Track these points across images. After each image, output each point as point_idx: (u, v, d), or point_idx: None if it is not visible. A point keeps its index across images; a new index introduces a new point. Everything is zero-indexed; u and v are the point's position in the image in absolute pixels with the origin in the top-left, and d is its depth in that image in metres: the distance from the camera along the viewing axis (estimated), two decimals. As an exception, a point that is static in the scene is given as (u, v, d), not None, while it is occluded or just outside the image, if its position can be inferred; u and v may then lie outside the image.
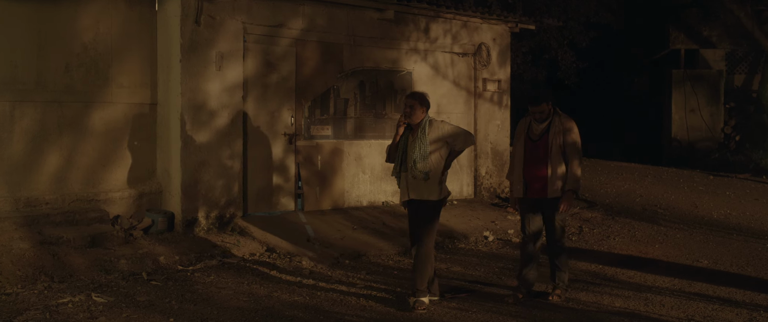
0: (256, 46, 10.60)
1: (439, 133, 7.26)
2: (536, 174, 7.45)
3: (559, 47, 21.19)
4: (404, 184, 7.36)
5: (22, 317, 6.53)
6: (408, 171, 7.26)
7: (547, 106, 7.46)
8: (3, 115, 9.08)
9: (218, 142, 10.16)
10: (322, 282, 8.20)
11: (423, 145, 7.19)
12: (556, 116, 7.50)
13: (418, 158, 7.18)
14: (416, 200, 7.29)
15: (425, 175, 7.16)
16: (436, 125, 7.31)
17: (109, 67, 9.85)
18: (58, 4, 9.43)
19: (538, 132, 7.50)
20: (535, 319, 6.91)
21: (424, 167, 7.16)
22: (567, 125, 7.45)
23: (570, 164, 7.38)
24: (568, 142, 7.39)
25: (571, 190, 7.37)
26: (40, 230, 8.68)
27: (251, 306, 7.13)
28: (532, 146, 7.53)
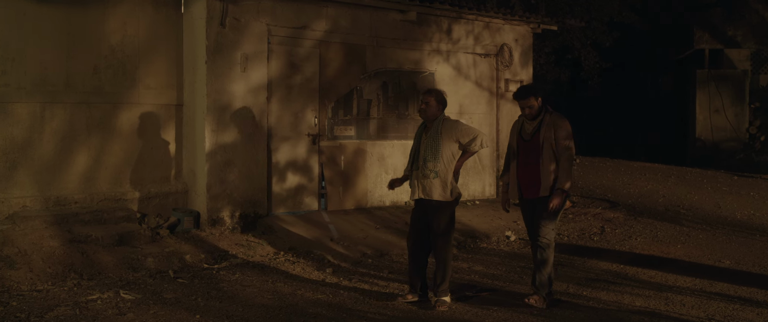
0: (280, 47, 10.73)
1: (453, 132, 7.20)
2: (529, 174, 7.31)
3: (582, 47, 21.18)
4: (414, 182, 7.32)
5: (53, 313, 6.70)
6: (418, 169, 7.25)
7: (535, 101, 7.26)
8: (34, 116, 9.28)
9: (243, 143, 10.30)
10: (345, 281, 8.32)
11: (435, 144, 7.16)
12: (547, 114, 7.31)
13: (428, 156, 7.16)
14: (425, 200, 7.24)
15: (435, 173, 7.13)
16: (451, 124, 7.25)
17: (136, 68, 10.03)
18: (86, 8, 9.61)
19: (530, 131, 7.34)
20: (555, 318, 6.98)
21: (435, 166, 7.12)
22: (558, 123, 7.25)
23: (561, 162, 7.20)
24: (559, 141, 7.20)
25: (560, 189, 7.16)
26: (69, 228, 8.86)
27: (275, 304, 7.26)
28: (524, 146, 7.39)
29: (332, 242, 9.91)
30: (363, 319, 6.87)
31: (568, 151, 7.20)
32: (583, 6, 20.30)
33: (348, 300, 7.49)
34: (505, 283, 8.38)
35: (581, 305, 7.45)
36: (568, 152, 7.19)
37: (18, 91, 9.16)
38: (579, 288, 8.11)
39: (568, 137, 7.23)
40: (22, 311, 6.71)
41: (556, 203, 7.12)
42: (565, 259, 9.70)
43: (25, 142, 9.24)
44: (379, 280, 8.39)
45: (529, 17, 13.72)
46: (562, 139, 7.20)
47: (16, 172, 9.19)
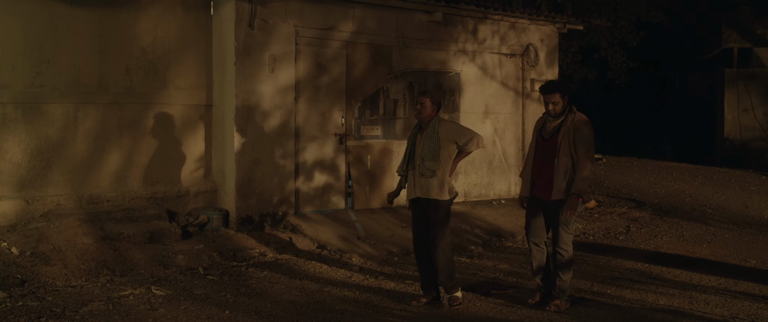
0: (307, 48, 10.88)
1: (449, 132, 7.24)
2: (544, 174, 7.17)
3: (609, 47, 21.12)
4: (411, 182, 7.35)
5: (87, 308, 6.88)
6: (415, 169, 7.27)
7: (560, 98, 7.10)
8: (67, 116, 9.49)
9: (271, 142, 10.46)
10: (371, 278, 8.44)
11: (432, 143, 7.18)
12: (570, 114, 7.12)
13: (426, 156, 7.18)
14: (423, 199, 7.26)
15: (433, 173, 7.14)
16: (446, 125, 7.29)
17: (166, 69, 10.22)
18: (118, 10, 9.82)
19: (550, 130, 7.19)
20: (578, 315, 7.05)
21: (433, 166, 7.15)
22: (579, 124, 7.05)
23: (578, 165, 7.00)
24: (578, 143, 7.01)
25: (575, 194, 6.97)
26: (102, 226, 9.06)
27: (303, 300, 7.39)
28: (543, 145, 7.24)
29: (359, 240, 10.04)
30: (389, 316, 6.99)
31: (587, 156, 7.00)
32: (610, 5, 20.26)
33: (374, 298, 7.61)
34: (529, 281, 8.44)
35: (605, 303, 7.52)
36: (586, 157, 7.00)
37: (52, 92, 9.38)
38: (603, 286, 8.18)
39: (588, 142, 7.02)
40: (58, 306, 6.90)
41: (571, 212, 6.98)
42: (590, 257, 9.76)
43: (60, 142, 9.46)
44: (405, 278, 8.50)
45: (555, 17, 13.76)
46: (582, 144, 7.01)
47: (51, 171, 9.41)
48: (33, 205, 9.18)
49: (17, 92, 9.15)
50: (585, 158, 7.00)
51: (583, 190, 6.98)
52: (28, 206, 9.14)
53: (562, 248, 7.17)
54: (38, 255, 8.20)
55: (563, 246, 7.16)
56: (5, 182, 9.11)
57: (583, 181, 6.98)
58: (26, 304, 6.94)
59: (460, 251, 10.04)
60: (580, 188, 6.96)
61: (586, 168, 6.99)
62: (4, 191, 9.09)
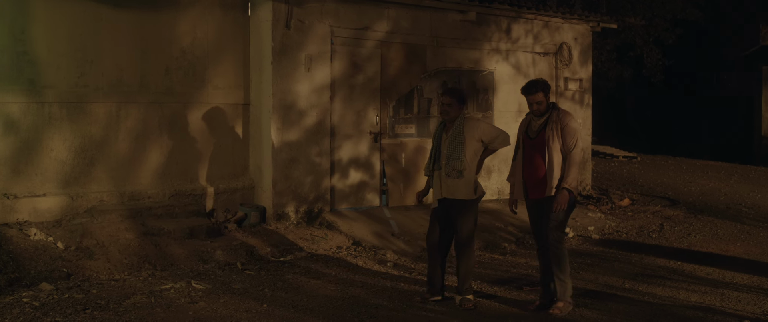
0: (342, 48, 11.06)
1: (475, 131, 7.17)
2: (535, 173, 7.08)
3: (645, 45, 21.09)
4: (437, 182, 7.26)
5: (130, 301, 7.12)
6: (441, 169, 7.20)
7: (543, 97, 6.99)
8: (110, 115, 9.77)
9: (307, 141, 10.66)
10: (405, 274, 8.59)
11: (458, 143, 7.11)
12: (554, 111, 7.04)
13: (452, 156, 7.11)
14: (449, 199, 7.18)
15: (459, 173, 7.08)
16: (472, 123, 7.24)
17: (205, 69, 10.46)
18: (159, 12, 10.07)
19: (536, 129, 7.09)
20: (609, 311, 7.14)
21: (459, 165, 7.08)
22: (564, 120, 6.98)
23: (567, 161, 6.92)
24: (565, 136, 6.93)
25: (566, 189, 6.87)
26: (143, 221, 9.32)
27: (338, 295, 7.57)
28: (530, 144, 7.13)
29: (393, 236, 10.20)
30: (422, 310, 7.13)
31: (575, 148, 6.94)
32: (645, 3, 20.22)
33: (408, 293, 7.75)
34: (561, 278, 8.54)
35: (636, 299, 7.59)
36: (574, 150, 6.93)
37: (95, 92, 9.66)
38: (635, 283, 8.25)
39: (574, 135, 6.96)
40: (102, 299, 7.15)
41: (561, 204, 6.87)
42: (622, 255, 9.84)
43: (102, 140, 9.74)
44: (438, 274, 8.63)
45: (589, 16, 13.80)
46: (569, 137, 6.93)
47: (94, 168, 9.69)
48: (77, 201, 9.46)
49: (62, 92, 9.44)
50: (575, 151, 6.93)
51: (573, 184, 6.90)
52: (72, 202, 9.42)
53: (554, 242, 7.02)
54: (82, 250, 8.46)
55: (555, 241, 7.02)
56: (51, 178, 9.41)
57: (573, 174, 6.90)
58: (72, 296, 7.20)
59: (493, 247, 10.16)
60: (570, 182, 6.88)
61: (575, 161, 6.93)
62: (50, 188, 9.39)
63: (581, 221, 11.83)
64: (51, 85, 9.36)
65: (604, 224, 11.77)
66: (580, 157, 6.99)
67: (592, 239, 10.99)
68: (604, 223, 11.86)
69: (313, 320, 6.69)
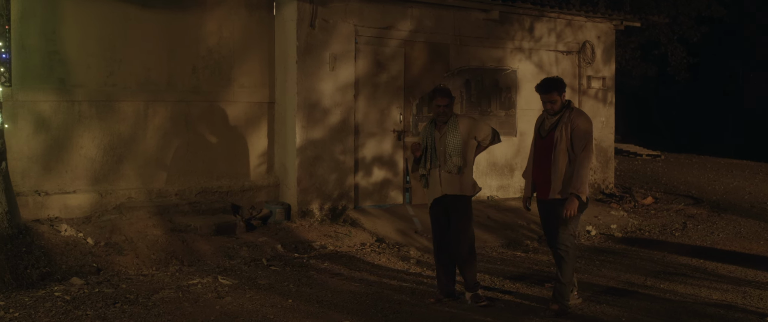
0: (366, 47, 11.17)
1: (470, 128, 7.21)
2: (542, 173, 6.98)
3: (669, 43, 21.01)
4: (435, 180, 7.23)
5: (159, 296, 7.28)
6: (440, 167, 7.18)
7: (558, 96, 6.86)
8: (138, 114, 9.95)
9: (331, 139, 10.78)
10: (428, 271, 8.68)
11: (456, 140, 7.13)
12: (567, 111, 6.89)
13: (452, 152, 7.12)
14: (450, 195, 7.18)
15: (458, 169, 7.11)
16: (466, 121, 7.28)
17: (231, 68, 10.62)
18: (186, 12, 10.24)
19: (547, 128, 6.97)
20: (631, 308, 7.19)
21: (459, 161, 7.11)
22: (576, 121, 6.82)
23: (576, 163, 6.77)
24: (575, 138, 6.79)
25: (573, 193, 6.72)
26: (170, 218, 9.49)
27: (362, 291, 7.69)
28: (541, 143, 7.03)
29: (416, 234, 10.30)
30: (445, 306, 7.22)
31: (585, 151, 6.78)
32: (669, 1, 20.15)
33: (431, 290, 7.83)
34: (583, 275, 8.58)
35: (657, 296, 7.65)
36: (584, 153, 6.77)
37: (124, 91, 9.84)
38: (656, 281, 8.30)
39: (585, 137, 6.80)
40: (131, 293, 7.31)
41: (570, 211, 6.72)
42: (644, 253, 9.88)
43: (130, 138, 9.92)
44: (461, 270, 8.72)
45: (612, 14, 13.81)
46: (579, 139, 6.78)
47: (123, 165, 9.88)
48: (106, 198, 9.65)
49: (92, 91, 9.63)
50: (582, 154, 6.77)
51: (581, 188, 6.72)
52: (101, 199, 9.61)
53: (560, 246, 6.93)
54: (112, 245, 8.64)
55: (561, 245, 6.92)
56: (81, 176, 9.60)
57: (581, 178, 6.73)
58: (102, 291, 7.38)
59: (516, 245, 10.24)
60: (578, 186, 6.71)
61: (584, 165, 6.76)
62: (80, 185, 9.59)
63: (604, 219, 11.86)
64: (81, 84, 9.55)
65: (627, 222, 11.80)
66: (590, 160, 6.84)
67: (614, 236, 11.02)
68: (627, 221, 11.89)
69: (338, 315, 6.80)
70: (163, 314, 6.71)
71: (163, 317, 6.62)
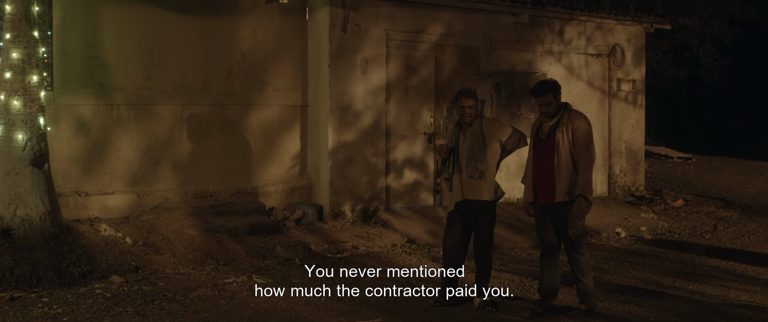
0: (397, 51, 11.33)
1: (494, 131, 7.11)
2: (544, 177, 6.88)
3: (701, 45, 20.93)
4: (457, 185, 7.15)
5: (195, 293, 7.50)
6: (462, 171, 7.10)
7: (553, 99, 6.80)
8: (174, 116, 10.19)
9: (363, 141, 10.96)
10: (458, 271, 8.81)
11: (479, 144, 7.04)
12: (565, 113, 6.83)
13: (474, 157, 7.03)
14: (471, 201, 7.10)
15: (481, 174, 7.00)
16: (491, 124, 7.21)
17: (265, 72, 10.83)
18: (221, 17, 10.47)
19: (547, 130, 6.88)
20: (659, 309, 7.27)
21: (481, 166, 7.01)
22: (576, 123, 6.76)
23: (580, 166, 6.72)
24: (577, 140, 6.74)
25: (581, 195, 6.68)
26: (206, 218, 9.71)
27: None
28: (541, 147, 6.93)
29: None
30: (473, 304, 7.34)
31: (588, 152, 6.75)
32: (701, 3, 20.09)
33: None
34: (612, 276, 8.68)
35: (686, 297, 7.71)
36: (587, 153, 6.74)
37: (161, 94, 10.09)
38: (685, 282, 8.36)
39: (587, 138, 6.76)
40: (169, 291, 7.54)
41: (580, 213, 6.71)
42: (673, 254, 9.93)
43: (167, 141, 10.17)
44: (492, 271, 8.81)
45: (642, 17, 13.85)
46: (581, 140, 6.74)
47: (159, 167, 10.12)
48: (144, 199, 9.90)
49: (130, 94, 9.89)
50: (586, 155, 6.74)
51: (588, 189, 6.71)
52: (139, 200, 9.87)
53: (575, 251, 6.90)
54: (149, 245, 8.87)
55: (576, 249, 6.89)
56: (119, 177, 9.87)
57: (587, 179, 6.71)
58: (141, 288, 7.61)
59: (545, 246, 10.32)
60: (585, 188, 6.69)
61: (588, 166, 6.73)
62: (118, 186, 9.85)
63: (633, 221, 11.91)
64: (119, 88, 9.82)
65: (657, 224, 11.84)
66: (593, 161, 6.79)
67: (644, 238, 11.08)
68: (657, 223, 11.93)
69: (370, 314, 6.96)
70: (199, 312, 6.92)
71: (199, 315, 6.83)
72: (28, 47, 8.08)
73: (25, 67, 8.07)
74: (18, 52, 8.02)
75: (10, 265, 7.62)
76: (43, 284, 7.60)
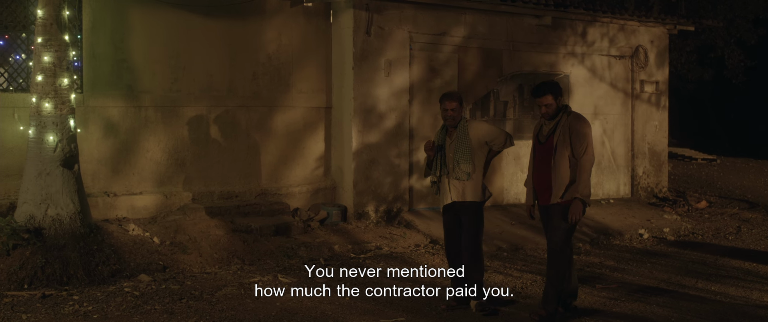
0: (420, 53, 11.42)
1: (480, 133, 7.12)
2: (543, 179, 6.83)
3: (726, 46, 20.81)
4: (445, 187, 7.17)
5: (222, 292, 7.64)
6: (449, 173, 7.10)
7: (553, 100, 6.75)
8: (200, 118, 10.35)
9: (386, 142, 11.06)
10: (480, 271, 8.89)
11: (464, 145, 7.05)
12: (565, 115, 6.78)
13: (461, 159, 7.03)
14: (458, 203, 7.12)
15: (467, 175, 7.02)
16: (476, 125, 7.22)
17: (289, 74, 10.97)
18: (246, 20, 10.61)
19: (546, 133, 6.85)
20: (680, 309, 7.31)
21: (467, 168, 7.02)
22: (575, 126, 6.71)
23: (578, 169, 6.65)
24: (574, 142, 6.67)
25: (578, 198, 6.61)
26: (231, 219, 9.84)
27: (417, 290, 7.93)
28: (540, 149, 6.90)
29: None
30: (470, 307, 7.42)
31: (586, 154, 6.67)
32: (726, 4, 19.98)
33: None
34: (634, 277, 8.73)
35: (708, 298, 7.75)
36: (585, 156, 6.66)
37: (188, 97, 10.25)
38: (707, 283, 8.39)
39: (585, 139, 6.69)
40: (196, 289, 7.68)
41: (575, 216, 6.61)
42: (696, 256, 9.95)
43: (193, 142, 10.33)
44: (514, 271, 8.92)
45: (665, 18, 13.84)
46: (579, 143, 6.67)
47: (186, 168, 10.28)
48: (170, 199, 10.06)
49: (157, 97, 10.06)
50: (584, 158, 6.67)
51: (585, 192, 6.64)
52: (166, 200, 10.03)
53: (556, 252, 6.80)
54: (176, 244, 9.02)
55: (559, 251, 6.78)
56: (147, 178, 10.04)
57: (585, 182, 6.66)
58: (168, 287, 7.76)
59: (568, 247, 10.35)
60: (582, 191, 6.63)
61: (586, 169, 6.67)
62: (146, 187, 10.02)
63: (656, 222, 11.92)
64: (147, 91, 9.99)
65: (680, 226, 11.84)
66: (591, 163, 6.72)
67: (666, 240, 11.10)
68: (680, 224, 11.93)
69: (394, 313, 7.07)
70: (226, 310, 7.05)
71: (226, 313, 6.96)
72: (59, 51, 8.25)
73: (56, 70, 8.24)
74: (49, 55, 8.19)
75: (42, 263, 7.79)
76: (74, 282, 7.77)
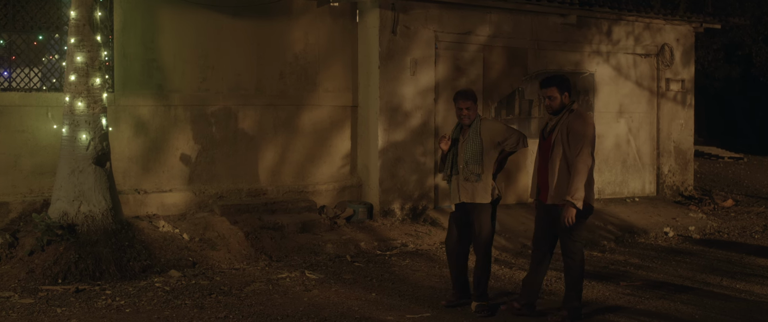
0: (446, 52, 11.51)
1: (492, 133, 7.01)
2: (541, 176, 6.77)
3: (754, 43, 20.68)
4: (455, 186, 7.11)
5: (250, 288, 7.78)
6: (459, 173, 7.05)
7: (557, 93, 6.60)
8: (229, 117, 10.51)
9: (412, 141, 11.16)
10: (506, 269, 8.99)
11: (475, 145, 6.96)
12: (568, 112, 6.62)
13: (470, 159, 6.97)
14: (468, 203, 7.07)
15: (477, 176, 6.94)
16: (488, 125, 7.10)
17: (316, 74, 11.09)
18: (273, 20, 10.75)
19: (548, 129, 6.72)
20: (705, 307, 7.35)
21: (477, 169, 6.94)
22: (572, 124, 6.53)
23: (572, 169, 6.48)
24: (571, 141, 6.51)
25: (568, 201, 6.42)
26: (259, 216, 9.99)
27: (442, 286, 8.03)
28: (541, 145, 6.81)
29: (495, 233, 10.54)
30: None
31: (581, 155, 6.45)
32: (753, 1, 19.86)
33: (508, 285, 8.16)
34: (659, 275, 8.76)
35: (733, 296, 7.77)
36: (580, 157, 6.45)
37: (216, 96, 10.41)
38: (733, 281, 8.40)
39: (582, 139, 6.48)
40: (225, 285, 7.83)
41: (567, 220, 6.45)
42: (721, 254, 9.95)
43: (222, 140, 10.48)
44: (538, 269, 8.97)
45: (691, 17, 13.81)
46: (575, 142, 6.49)
47: (214, 166, 10.44)
48: (199, 196, 10.23)
49: (186, 96, 10.22)
50: (578, 159, 6.46)
51: (575, 195, 6.41)
52: (195, 197, 10.20)
53: (567, 256, 6.74)
54: (205, 241, 9.19)
55: (568, 254, 6.71)
56: (176, 176, 10.21)
57: (575, 184, 6.43)
58: (198, 282, 7.92)
59: (592, 245, 10.41)
60: (572, 193, 6.42)
61: (580, 170, 6.43)
62: (176, 184, 10.19)
63: (682, 221, 11.92)
64: (177, 90, 10.16)
65: (706, 224, 11.83)
66: (586, 165, 6.47)
67: (692, 238, 11.10)
68: (706, 223, 11.92)
69: (419, 309, 7.17)
70: (254, 305, 7.19)
71: (255, 308, 7.10)
72: (92, 51, 8.44)
73: (89, 70, 8.42)
74: (82, 55, 8.38)
75: (75, 259, 7.98)
76: (106, 277, 7.95)
